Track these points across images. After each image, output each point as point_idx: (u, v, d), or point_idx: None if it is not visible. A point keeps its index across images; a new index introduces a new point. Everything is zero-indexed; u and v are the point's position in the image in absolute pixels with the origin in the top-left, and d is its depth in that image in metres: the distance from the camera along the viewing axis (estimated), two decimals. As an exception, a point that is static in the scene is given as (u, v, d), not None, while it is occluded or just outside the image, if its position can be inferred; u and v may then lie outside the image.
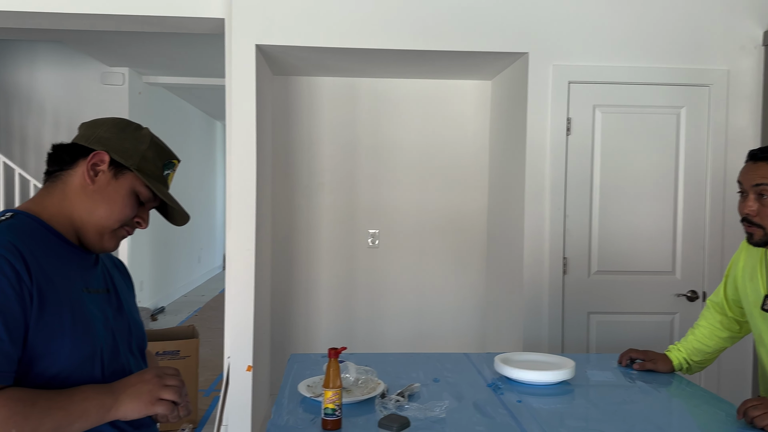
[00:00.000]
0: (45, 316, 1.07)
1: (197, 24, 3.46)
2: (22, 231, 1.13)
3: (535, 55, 3.26)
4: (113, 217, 1.22)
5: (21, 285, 1.05)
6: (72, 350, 1.11)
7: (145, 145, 1.24)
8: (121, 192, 1.22)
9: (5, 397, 1.00)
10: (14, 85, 6.14)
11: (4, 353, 1.02)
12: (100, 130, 1.24)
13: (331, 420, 1.52)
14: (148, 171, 1.24)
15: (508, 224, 3.62)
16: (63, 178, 1.22)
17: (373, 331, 4.08)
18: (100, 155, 1.21)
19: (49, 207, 1.20)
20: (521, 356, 2.08)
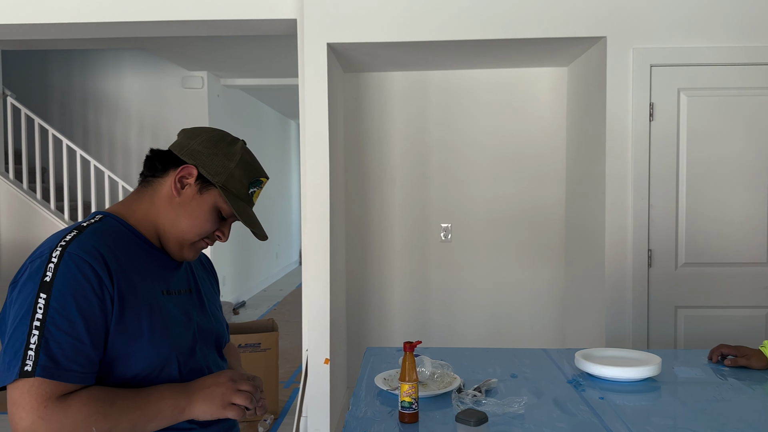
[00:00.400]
0: (124, 319, 1.11)
1: (270, 26, 3.54)
2: (107, 234, 1.17)
3: (613, 39, 3.14)
4: (194, 231, 1.24)
5: (103, 290, 1.09)
6: (149, 353, 1.14)
7: (233, 163, 1.24)
8: (204, 207, 1.24)
9: (86, 396, 1.05)
10: (102, 92, 6.50)
11: (85, 356, 1.06)
12: (195, 141, 1.25)
13: (408, 413, 1.51)
14: (233, 189, 1.24)
15: (588, 216, 3.50)
16: (153, 185, 1.26)
17: (448, 325, 4.06)
18: (188, 169, 1.23)
19: (137, 212, 1.25)
20: (603, 352, 2.01)
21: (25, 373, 1.01)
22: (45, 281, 1.06)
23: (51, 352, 1.02)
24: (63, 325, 1.04)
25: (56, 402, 1.02)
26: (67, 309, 1.05)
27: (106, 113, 6.51)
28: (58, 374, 1.03)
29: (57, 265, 1.07)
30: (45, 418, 1.00)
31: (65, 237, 1.12)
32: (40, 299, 1.04)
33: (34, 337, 1.02)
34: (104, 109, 6.51)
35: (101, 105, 6.50)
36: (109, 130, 6.51)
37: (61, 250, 1.09)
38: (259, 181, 1.30)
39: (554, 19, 3.15)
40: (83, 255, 1.09)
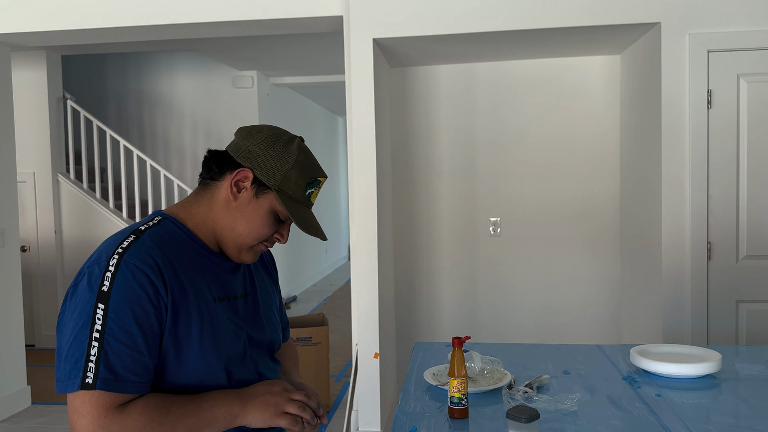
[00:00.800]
0: (177, 328, 1.13)
1: (317, 23, 3.57)
2: (164, 239, 1.18)
3: (668, 25, 3.03)
4: (251, 235, 1.23)
5: (158, 299, 1.10)
6: (198, 362, 1.15)
7: (289, 165, 1.21)
8: (260, 212, 1.22)
9: (143, 405, 1.07)
10: (157, 93, 6.69)
11: (143, 366, 1.09)
12: (251, 142, 1.22)
13: (458, 409, 1.51)
14: (289, 191, 1.21)
15: (644, 208, 3.40)
16: (211, 189, 1.25)
17: (497, 320, 4.01)
18: (244, 172, 1.21)
19: (195, 215, 1.25)
20: (660, 348, 1.95)
21: (86, 385, 1.04)
22: (102, 291, 1.07)
23: (110, 365, 1.05)
24: (121, 337, 1.06)
25: (115, 412, 1.05)
26: (125, 320, 1.07)
27: (160, 114, 6.70)
28: (116, 386, 1.05)
29: (114, 274, 1.08)
30: (105, 428, 1.04)
31: (122, 243, 1.13)
32: (99, 310, 1.06)
33: (94, 348, 1.05)
34: (159, 109, 6.70)
35: (156, 106, 6.70)
36: (164, 130, 6.70)
37: (117, 258, 1.10)
38: (316, 182, 1.26)
39: (606, 6, 3.06)
40: (139, 264, 1.10)
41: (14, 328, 4.06)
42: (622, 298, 3.87)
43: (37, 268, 5.62)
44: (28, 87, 5.47)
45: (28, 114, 5.46)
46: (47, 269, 5.63)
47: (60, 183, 5.63)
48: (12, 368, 4.03)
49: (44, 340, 5.66)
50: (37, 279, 5.63)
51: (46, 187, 5.56)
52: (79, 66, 6.70)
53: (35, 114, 5.49)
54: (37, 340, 5.66)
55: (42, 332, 5.66)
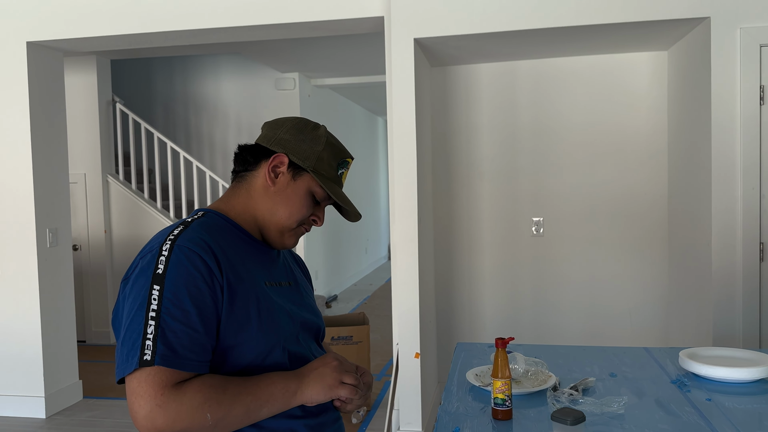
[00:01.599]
0: (234, 309, 1.15)
1: (359, 24, 3.59)
2: (212, 228, 1.21)
3: (718, 19, 2.94)
4: (292, 218, 1.27)
5: (213, 280, 1.12)
6: (258, 341, 1.17)
7: (320, 146, 1.27)
8: (299, 193, 1.27)
9: (200, 383, 1.08)
10: (202, 96, 6.84)
11: (200, 344, 1.10)
12: (280, 131, 1.29)
13: (502, 410, 1.50)
14: (323, 171, 1.27)
15: (693, 207, 3.31)
16: (248, 179, 1.30)
17: (540, 322, 3.96)
18: (280, 157, 1.26)
19: (236, 206, 1.29)
20: (710, 351, 1.89)
21: (145, 362, 1.05)
22: (157, 273, 1.10)
23: (168, 341, 1.06)
24: (177, 315, 1.08)
25: (172, 389, 1.06)
26: (180, 299, 1.09)
27: (206, 116, 6.85)
28: (175, 362, 1.06)
29: (168, 257, 1.11)
30: (162, 406, 1.04)
31: (173, 231, 1.17)
32: (154, 291, 1.09)
33: (151, 327, 1.06)
34: (204, 112, 6.85)
35: (201, 108, 6.85)
36: (209, 131, 6.84)
37: (170, 243, 1.14)
38: (345, 162, 1.32)
39: (653, 1, 2.99)
40: (192, 246, 1.13)
41: (67, 325, 4.20)
42: (669, 300, 3.77)
43: (88, 266, 5.82)
44: (80, 91, 5.66)
45: (80, 117, 5.65)
46: (97, 267, 5.81)
47: (110, 184, 5.81)
48: (65, 363, 4.18)
49: (95, 336, 5.85)
50: (87, 277, 5.82)
51: (97, 188, 5.75)
52: (128, 70, 6.90)
53: (86, 117, 5.68)
54: (87, 336, 5.85)
55: (92, 329, 5.85)
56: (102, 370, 4.98)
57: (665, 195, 3.78)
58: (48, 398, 4.00)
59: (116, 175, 5.89)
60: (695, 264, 3.28)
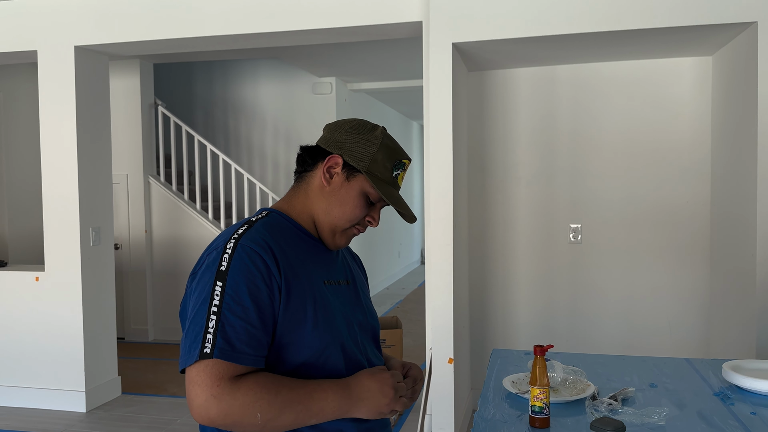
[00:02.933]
0: (291, 308, 1.19)
1: (397, 29, 3.60)
2: (274, 228, 1.26)
3: (766, 24, 2.87)
4: (345, 218, 1.30)
5: (271, 279, 1.17)
6: (313, 340, 1.20)
7: (375, 147, 1.28)
8: (353, 194, 1.28)
9: (253, 381, 1.12)
10: (241, 100, 6.95)
11: (257, 339, 1.14)
12: (338, 132, 1.31)
13: (539, 418, 1.48)
14: (377, 173, 1.28)
15: (737, 216, 3.22)
16: (306, 179, 1.33)
17: (577, 330, 3.91)
18: (334, 158, 1.28)
19: (296, 206, 1.33)
20: (754, 364, 1.84)
21: (204, 354, 1.10)
22: (221, 270, 1.15)
23: (227, 335, 1.11)
24: (237, 311, 1.13)
25: (228, 383, 1.10)
26: (240, 296, 1.14)
27: (244, 119, 6.95)
28: (233, 356, 1.11)
29: (231, 255, 1.17)
30: (217, 397, 1.09)
31: (238, 230, 1.22)
32: (217, 287, 1.14)
33: (212, 321, 1.12)
34: (243, 115, 6.95)
35: (240, 112, 6.96)
36: (247, 135, 6.94)
37: (234, 242, 1.19)
38: (402, 164, 1.32)
39: (697, 6, 2.93)
40: (254, 246, 1.18)
41: (107, 322, 4.31)
42: (711, 311, 3.68)
43: (128, 265, 5.96)
44: (123, 94, 5.81)
45: (122, 119, 5.80)
46: (137, 266, 5.95)
47: (151, 185, 5.94)
48: (105, 359, 4.29)
49: (134, 334, 5.98)
50: (128, 275, 5.96)
51: (138, 189, 5.89)
52: (169, 74, 7.06)
53: (129, 119, 5.82)
54: (126, 333, 5.99)
55: (132, 326, 5.99)
56: (140, 367, 5.09)
57: (708, 204, 3.70)
58: (88, 393, 4.10)
59: (157, 176, 6.02)
60: (738, 274, 3.19)
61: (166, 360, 5.32)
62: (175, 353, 5.54)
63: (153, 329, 6.03)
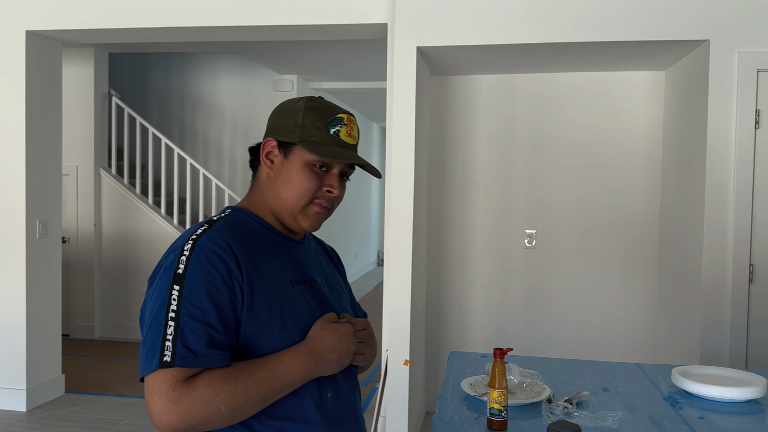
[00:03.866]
0: (255, 309, 1.14)
1: (361, 30, 3.60)
2: (236, 227, 1.21)
3: (717, 42, 2.99)
4: (296, 195, 1.23)
5: (232, 280, 1.12)
6: (282, 341, 1.17)
7: (299, 115, 1.23)
8: (294, 168, 1.23)
9: (209, 375, 1.08)
10: (199, 94, 6.82)
11: (219, 342, 1.10)
12: (270, 121, 1.29)
13: (497, 420, 1.50)
14: (312, 137, 1.21)
15: (685, 227, 3.34)
16: (257, 176, 1.31)
17: (530, 334, 3.98)
18: (268, 143, 1.26)
19: (255, 202, 1.29)
20: (702, 370, 1.91)
21: (164, 363, 1.05)
22: (178, 273, 1.11)
23: (186, 342, 1.07)
24: (196, 314, 1.09)
25: (182, 385, 1.06)
26: (198, 298, 1.09)
27: (201, 114, 6.82)
28: (195, 362, 1.07)
29: (189, 257, 1.12)
30: (174, 402, 1.05)
31: (197, 231, 1.17)
32: (174, 291, 1.10)
33: (170, 328, 1.07)
34: (200, 110, 6.82)
35: (197, 106, 6.82)
36: (204, 130, 6.82)
37: (192, 243, 1.14)
38: (337, 119, 1.24)
39: (654, 22, 3.03)
40: (213, 247, 1.13)
41: (52, 318, 4.16)
42: (658, 317, 3.81)
43: (76, 259, 5.76)
44: (76, 82, 5.62)
45: (75, 109, 5.61)
46: (85, 261, 5.76)
47: (102, 177, 5.77)
48: (48, 357, 4.13)
49: (79, 331, 5.79)
50: (75, 270, 5.76)
51: (88, 181, 5.70)
52: (125, 64, 6.87)
53: (81, 109, 5.64)
54: (72, 330, 5.79)
55: (77, 323, 5.79)
56: (85, 365, 4.93)
57: (657, 213, 3.82)
58: (29, 391, 3.95)
59: (109, 169, 5.85)
60: (685, 283, 3.31)
61: (113, 358, 5.17)
62: (123, 351, 5.39)
63: (100, 326, 5.85)
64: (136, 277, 5.77)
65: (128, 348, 5.50)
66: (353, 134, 1.26)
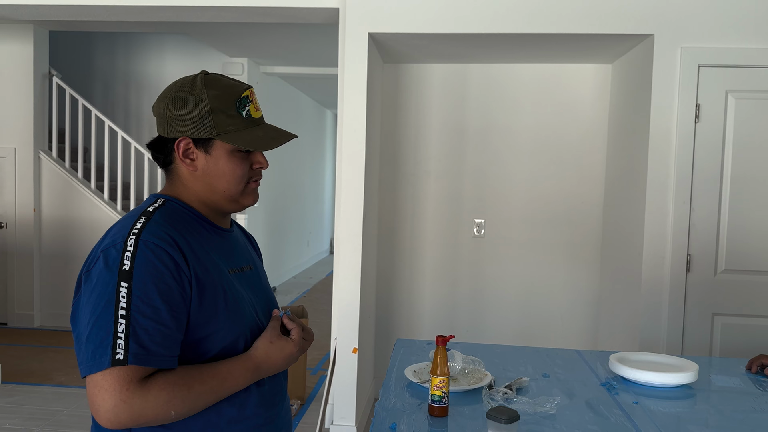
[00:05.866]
0: (203, 301, 1.13)
1: (313, 14, 3.54)
2: (174, 218, 1.18)
3: (661, 37, 3.06)
4: (233, 184, 1.22)
5: (180, 275, 1.10)
6: (226, 332, 1.17)
7: (206, 106, 1.17)
8: (222, 161, 1.20)
9: (164, 381, 1.07)
10: (144, 75, 6.61)
11: (172, 339, 1.09)
12: (165, 109, 1.20)
13: (438, 407, 1.51)
14: (228, 128, 1.18)
15: (627, 217, 3.44)
16: (174, 171, 1.25)
17: (477, 321, 4.03)
18: (183, 143, 1.20)
19: (182, 193, 1.24)
20: (638, 356, 1.97)
21: (117, 361, 1.03)
22: (124, 270, 1.07)
23: (140, 340, 1.05)
24: (147, 312, 1.06)
25: (137, 386, 1.04)
26: (149, 296, 1.07)
27: (147, 96, 6.62)
28: (148, 360, 1.05)
29: (134, 253, 1.08)
30: (127, 401, 1.03)
31: (135, 224, 1.13)
32: (122, 288, 1.06)
33: (121, 326, 1.05)
34: (146, 91, 6.62)
35: (143, 87, 6.62)
36: (150, 112, 6.61)
37: (135, 238, 1.10)
38: (243, 99, 1.21)
39: (601, 15, 3.08)
40: (158, 242, 1.10)
41: (-13, 306, 3.99)
42: (600, 305, 3.91)
43: (14, 245, 5.53)
44: (14, 61, 5.37)
45: (12, 89, 5.36)
46: (24, 247, 5.54)
47: (41, 160, 5.54)
48: (-17, 346, 3.96)
49: (17, 319, 5.57)
50: (12, 257, 5.54)
51: (27, 164, 5.47)
52: (67, 43, 6.60)
53: (19, 89, 5.39)
54: (9, 318, 5.57)
55: (15, 311, 5.57)
56: (23, 355, 4.75)
57: (601, 204, 3.92)
58: (-38, 383, 3.78)
59: (49, 152, 5.62)
60: (626, 273, 3.41)
61: (53, 348, 5.00)
62: (63, 340, 5.21)
63: (39, 314, 5.65)
64: (77, 265, 5.58)
65: (69, 337, 5.32)
66: (258, 106, 1.26)
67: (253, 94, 1.25)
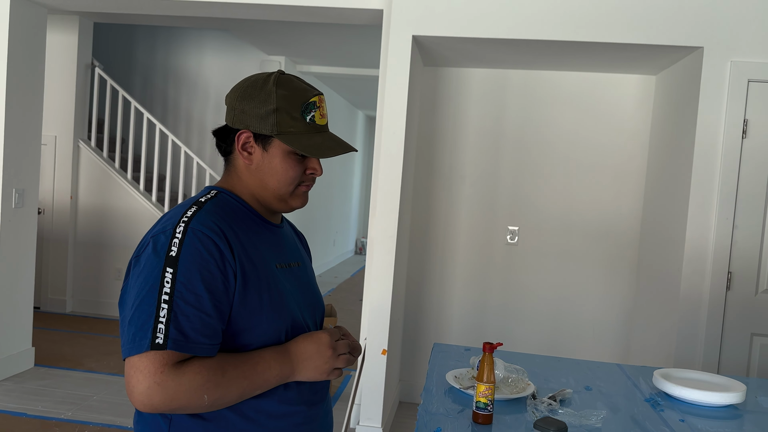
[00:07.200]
0: (247, 293, 1.14)
1: (357, 15, 3.55)
2: (224, 209, 1.20)
3: (711, 50, 3.01)
4: (284, 184, 1.24)
5: (225, 265, 1.12)
6: (268, 326, 1.17)
7: (273, 104, 1.19)
8: (277, 161, 1.22)
9: (199, 365, 1.08)
10: (183, 70, 6.70)
11: (212, 328, 1.09)
12: (236, 101, 1.23)
13: (483, 414, 1.50)
14: (290, 129, 1.20)
15: (667, 232, 3.38)
16: (232, 161, 1.28)
17: (506, 329, 4.00)
18: (244, 136, 1.22)
19: (236, 186, 1.27)
20: (682, 373, 1.94)
21: (157, 345, 1.04)
22: (171, 256, 1.09)
23: (180, 326, 1.06)
24: (190, 299, 1.07)
25: (172, 369, 1.05)
26: (193, 283, 1.08)
27: (185, 90, 6.70)
28: (186, 347, 1.06)
29: (182, 240, 1.10)
30: (161, 384, 1.04)
31: (186, 213, 1.15)
32: (167, 273, 1.08)
33: (163, 310, 1.06)
34: (184, 86, 6.70)
35: (181, 82, 6.70)
36: (187, 106, 6.70)
37: (184, 225, 1.12)
38: (311, 104, 1.22)
39: (650, 25, 3.04)
40: (206, 231, 1.12)
41: (24, 289, 4.07)
42: (634, 319, 3.85)
43: (50, 231, 5.64)
44: (59, 51, 5.48)
45: (56, 77, 5.47)
46: (60, 233, 5.65)
47: (80, 149, 5.64)
48: (19, 328, 4.05)
49: (50, 304, 5.68)
50: (48, 242, 5.65)
51: (67, 152, 5.57)
52: (110, 35, 6.71)
53: (63, 78, 5.50)
54: (43, 303, 5.68)
55: (49, 295, 5.68)
56: (55, 339, 4.84)
57: (639, 217, 3.86)
58: (-2, 363, 3.87)
59: (88, 141, 5.72)
60: (663, 286, 3.35)
61: (84, 333, 5.09)
62: (94, 327, 5.30)
63: (72, 300, 5.75)
64: (111, 253, 5.67)
65: (100, 323, 5.42)
66: (324, 113, 1.26)
67: (322, 101, 1.25)
